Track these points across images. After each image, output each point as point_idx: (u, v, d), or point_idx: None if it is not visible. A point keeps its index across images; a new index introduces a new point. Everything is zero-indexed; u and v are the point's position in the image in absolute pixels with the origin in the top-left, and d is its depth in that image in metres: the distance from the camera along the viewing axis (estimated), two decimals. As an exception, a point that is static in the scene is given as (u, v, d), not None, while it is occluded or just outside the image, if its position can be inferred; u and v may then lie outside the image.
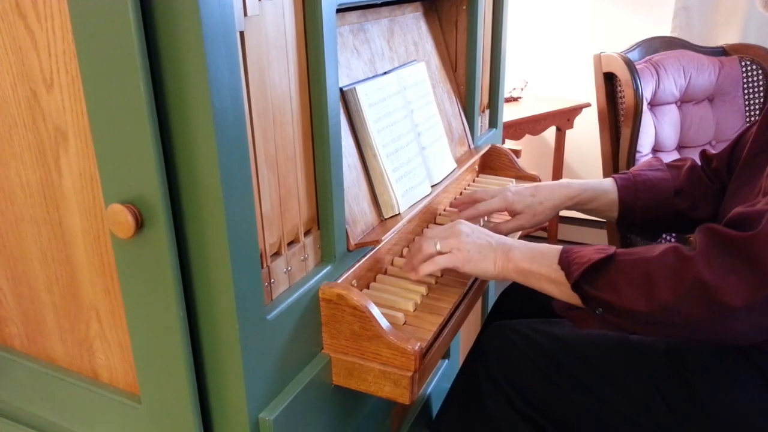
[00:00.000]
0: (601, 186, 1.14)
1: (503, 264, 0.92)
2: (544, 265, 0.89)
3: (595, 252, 0.84)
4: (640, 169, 1.16)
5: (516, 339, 0.99)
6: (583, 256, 0.84)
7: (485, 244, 0.93)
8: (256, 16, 0.66)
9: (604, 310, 0.83)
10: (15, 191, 0.78)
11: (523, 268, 0.90)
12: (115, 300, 0.76)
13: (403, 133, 1.03)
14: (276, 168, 0.73)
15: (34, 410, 0.91)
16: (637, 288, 0.80)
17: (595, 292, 0.83)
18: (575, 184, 1.14)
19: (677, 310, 0.77)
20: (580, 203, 1.14)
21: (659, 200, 1.11)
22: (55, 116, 0.70)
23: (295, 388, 0.78)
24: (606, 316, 0.83)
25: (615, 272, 0.82)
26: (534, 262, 0.89)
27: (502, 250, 0.92)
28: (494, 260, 0.92)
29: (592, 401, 0.94)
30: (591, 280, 0.83)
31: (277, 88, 0.71)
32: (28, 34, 0.67)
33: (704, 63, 2.08)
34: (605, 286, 0.82)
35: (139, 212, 0.65)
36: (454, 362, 1.47)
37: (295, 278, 0.79)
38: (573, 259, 0.85)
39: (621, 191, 1.12)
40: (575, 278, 0.83)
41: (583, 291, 0.84)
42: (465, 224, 0.96)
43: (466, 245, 0.93)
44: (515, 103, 2.58)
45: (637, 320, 0.81)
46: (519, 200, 1.11)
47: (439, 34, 1.28)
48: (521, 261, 0.90)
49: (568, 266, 0.85)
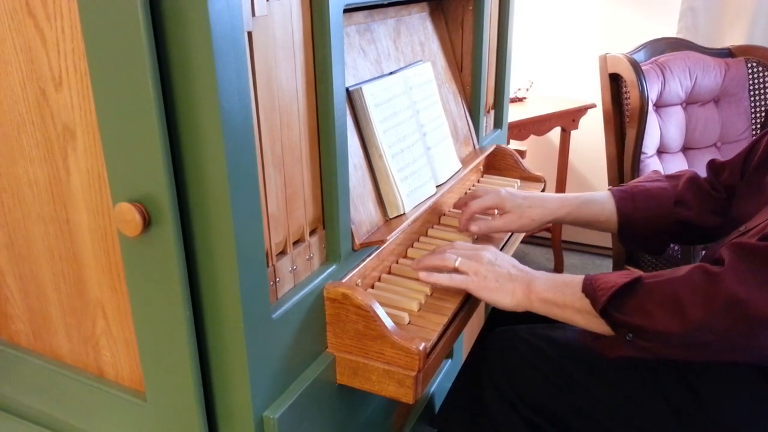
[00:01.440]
0: (597, 198, 1.13)
1: (525, 294, 0.90)
2: (567, 294, 0.87)
3: (619, 277, 0.83)
4: (638, 182, 1.15)
5: (518, 344, 0.99)
6: (609, 281, 0.83)
7: (505, 274, 0.92)
8: (264, 17, 0.66)
9: (635, 335, 0.82)
10: (23, 189, 0.78)
11: (547, 298, 0.89)
12: (121, 298, 0.77)
13: (408, 134, 1.03)
14: (282, 168, 0.73)
15: (40, 407, 0.92)
16: (668, 309, 0.78)
17: (624, 317, 0.81)
18: (570, 196, 1.13)
19: (709, 327, 0.76)
20: (573, 215, 1.12)
21: (659, 210, 1.10)
22: (63, 115, 0.70)
23: (300, 386, 0.78)
24: (637, 342, 0.82)
25: (643, 295, 0.81)
26: (557, 291, 0.88)
27: (522, 280, 0.91)
28: (512, 291, 0.91)
29: (595, 406, 0.94)
30: (618, 306, 0.82)
31: (284, 88, 0.72)
32: (37, 33, 0.67)
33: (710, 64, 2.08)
34: (634, 311, 0.81)
35: (146, 211, 0.65)
36: (458, 362, 1.47)
37: (300, 277, 0.80)
38: (598, 286, 0.84)
39: (618, 203, 1.11)
40: (602, 304, 0.82)
41: (612, 317, 0.83)
42: (491, 251, 0.96)
43: (485, 271, 0.92)
44: (520, 104, 2.58)
45: (669, 343, 0.80)
46: (510, 199, 1.11)
47: (445, 35, 1.28)
48: (544, 291, 0.89)
49: (593, 293, 0.84)
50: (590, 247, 2.90)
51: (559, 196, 1.14)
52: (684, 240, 1.16)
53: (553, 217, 1.12)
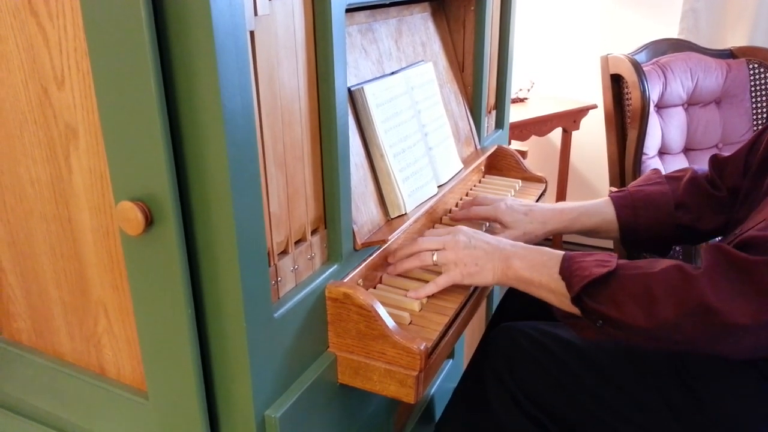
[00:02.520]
0: (597, 207, 1.13)
1: (503, 271, 0.92)
2: (544, 274, 0.88)
3: (596, 265, 0.84)
4: (637, 185, 1.14)
5: (522, 340, 0.99)
6: (585, 269, 0.84)
7: (482, 255, 0.93)
8: (266, 16, 0.66)
9: (605, 323, 0.83)
10: (25, 188, 0.79)
11: (523, 277, 0.90)
12: (123, 296, 0.77)
13: (410, 134, 1.04)
14: (284, 167, 0.73)
15: (41, 405, 0.92)
16: (639, 304, 0.79)
17: (596, 305, 0.83)
18: (569, 207, 1.13)
19: (677, 327, 0.77)
20: (574, 227, 1.13)
21: (660, 216, 1.09)
22: (65, 113, 0.70)
23: (301, 386, 0.78)
24: (606, 329, 0.83)
25: (616, 287, 0.82)
26: (534, 270, 0.89)
27: (500, 256, 0.92)
28: (492, 269, 0.92)
29: (597, 403, 0.94)
30: (592, 294, 0.83)
31: (286, 87, 0.72)
32: (39, 32, 0.68)
33: (712, 65, 2.08)
34: (606, 301, 0.82)
35: (148, 209, 0.65)
36: (459, 362, 1.47)
37: (302, 277, 0.80)
38: (574, 270, 0.85)
39: (619, 210, 1.11)
40: (576, 292, 0.83)
41: (584, 304, 0.84)
42: (463, 232, 0.96)
43: (463, 258, 0.93)
44: (522, 104, 2.58)
45: (636, 335, 0.81)
46: (509, 213, 1.11)
47: (446, 35, 1.28)
48: (521, 269, 0.90)
49: (569, 277, 0.85)
50: (591, 248, 2.90)
51: (558, 207, 1.13)
52: (687, 241, 1.16)
53: (554, 231, 1.12)
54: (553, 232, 1.12)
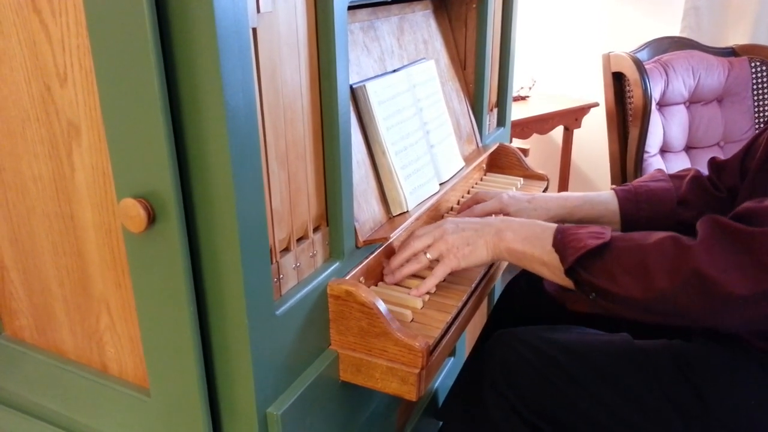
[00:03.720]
0: (601, 198, 1.13)
1: (495, 244, 0.91)
2: (537, 246, 0.87)
3: (590, 236, 0.83)
4: (641, 181, 1.15)
5: (520, 348, 0.97)
6: (579, 240, 0.83)
7: (472, 234, 0.92)
8: (269, 13, 0.66)
9: (598, 295, 0.82)
10: (27, 185, 0.79)
11: (516, 249, 0.89)
12: (125, 294, 0.77)
13: (411, 131, 1.03)
14: (286, 164, 0.73)
15: (44, 402, 0.92)
16: (633, 276, 0.79)
17: (590, 278, 0.82)
18: (573, 195, 1.14)
19: (673, 299, 0.76)
20: (577, 215, 1.13)
21: (662, 211, 1.10)
22: (68, 111, 0.70)
23: (303, 383, 0.79)
24: (599, 301, 0.83)
25: (611, 259, 0.81)
26: (527, 243, 0.89)
27: (491, 231, 0.91)
28: (485, 244, 0.91)
29: (598, 408, 0.93)
30: (585, 266, 0.82)
31: (289, 84, 0.72)
32: (42, 29, 0.68)
33: (713, 63, 2.08)
34: (601, 273, 0.81)
35: (151, 207, 0.65)
36: (460, 360, 1.47)
37: (304, 274, 0.80)
38: (568, 243, 0.84)
39: (622, 203, 1.11)
40: (570, 264, 0.82)
41: (578, 276, 0.83)
42: (450, 221, 0.96)
43: (454, 242, 0.92)
44: (523, 102, 2.57)
45: (630, 307, 0.81)
46: (513, 203, 1.11)
47: (448, 32, 1.28)
48: (513, 242, 0.89)
49: (563, 250, 0.84)
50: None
51: (562, 196, 1.14)
52: None
53: (558, 218, 1.12)
54: (556, 218, 1.12)
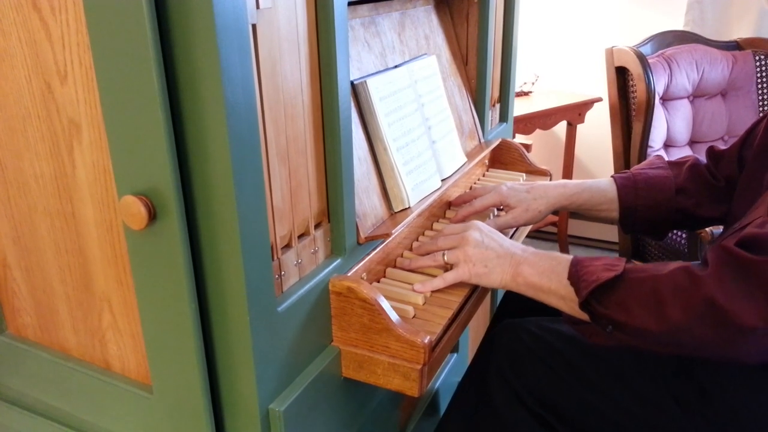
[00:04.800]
0: (600, 185, 1.13)
1: (512, 277, 0.91)
2: (554, 280, 0.88)
3: (604, 269, 0.83)
4: (640, 168, 1.15)
5: (525, 337, 0.99)
6: (592, 273, 0.83)
7: (493, 257, 0.93)
8: (269, 9, 0.66)
9: (614, 328, 0.82)
10: (29, 183, 0.79)
11: (533, 283, 0.90)
12: (127, 291, 0.77)
13: (413, 127, 1.03)
14: (287, 161, 0.73)
15: (47, 399, 0.92)
16: (647, 308, 0.78)
17: (605, 310, 0.82)
18: (571, 183, 1.14)
19: (688, 330, 0.76)
20: (576, 202, 1.13)
21: (660, 199, 1.10)
22: (68, 108, 0.70)
23: (305, 379, 0.79)
24: (615, 334, 0.82)
25: (625, 291, 0.81)
26: (543, 277, 0.89)
27: (511, 262, 0.92)
28: (501, 273, 0.92)
29: (602, 399, 0.94)
30: (600, 299, 0.82)
31: (289, 81, 0.71)
32: (42, 27, 0.68)
33: (717, 57, 2.07)
34: (615, 306, 0.81)
35: (151, 204, 0.65)
36: (463, 356, 1.47)
37: (306, 271, 0.80)
38: (582, 276, 0.84)
39: (620, 190, 1.11)
40: (584, 297, 0.82)
41: (593, 309, 0.83)
42: (477, 230, 0.96)
43: (473, 257, 0.93)
44: (526, 98, 2.57)
45: (646, 339, 0.80)
46: (513, 195, 1.11)
47: (450, 28, 1.28)
48: (530, 276, 0.90)
49: (577, 282, 0.84)
50: (596, 242, 2.89)
51: (560, 183, 1.14)
52: (686, 227, 1.17)
53: (558, 206, 1.12)
54: (555, 206, 1.12)
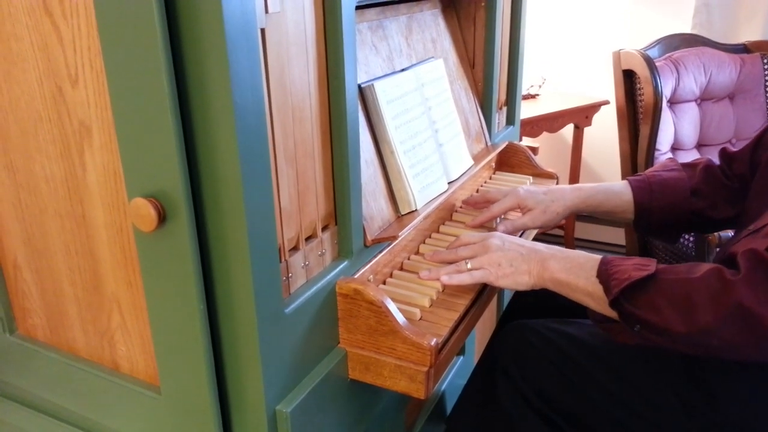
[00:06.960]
0: (615, 188, 1.14)
1: (539, 273, 0.91)
2: (581, 277, 0.88)
3: (635, 268, 0.83)
4: (654, 171, 1.15)
5: (532, 338, 0.99)
6: (623, 272, 0.83)
7: (517, 256, 0.93)
8: (277, 13, 0.67)
9: (642, 327, 0.82)
10: (39, 185, 0.80)
11: (560, 279, 0.89)
12: (136, 292, 0.78)
13: (420, 130, 1.04)
14: (295, 163, 0.74)
15: (56, 400, 0.93)
16: (678, 309, 0.78)
17: (634, 309, 0.82)
18: (586, 186, 1.14)
19: (717, 333, 0.76)
20: (592, 205, 1.13)
21: (676, 200, 1.10)
22: (79, 111, 0.71)
23: (312, 381, 0.79)
24: (644, 333, 0.82)
25: (655, 292, 0.81)
26: (571, 273, 0.89)
27: (537, 259, 0.92)
28: (528, 271, 0.92)
29: (608, 400, 0.94)
30: (630, 297, 0.82)
31: (297, 84, 0.72)
32: (54, 31, 0.68)
33: (725, 60, 2.06)
34: (645, 305, 0.81)
35: (161, 206, 0.66)
36: (469, 359, 1.47)
37: (313, 273, 0.80)
38: (612, 274, 0.84)
39: (636, 192, 1.12)
40: (614, 295, 0.82)
41: (622, 308, 0.83)
42: (497, 237, 0.96)
43: (497, 259, 0.93)
44: (533, 100, 2.57)
45: (675, 340, 0.80)
46: (530, 197, 1.12)
47: (457, 31, 1.28)
48: (558, 272, 0.90)
49: (607, 281, 0.84)
50: (603, 245, 2.88)
51: (576, 186, 1.15)
52: (698, 229, 1.17)
53: (574, 208, 1.13)
54: (572, 208, 1.13)
